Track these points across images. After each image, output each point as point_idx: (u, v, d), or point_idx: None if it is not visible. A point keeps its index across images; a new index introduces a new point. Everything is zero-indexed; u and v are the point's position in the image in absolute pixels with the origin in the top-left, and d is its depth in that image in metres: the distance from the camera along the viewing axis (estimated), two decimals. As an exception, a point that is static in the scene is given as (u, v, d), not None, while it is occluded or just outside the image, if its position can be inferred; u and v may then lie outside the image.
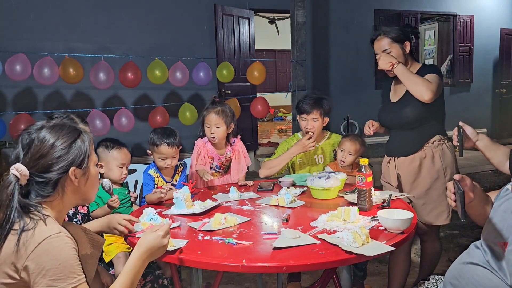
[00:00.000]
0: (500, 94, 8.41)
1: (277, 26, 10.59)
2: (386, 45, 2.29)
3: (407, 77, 2.18)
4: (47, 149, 1.22)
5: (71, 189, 1.27)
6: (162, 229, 1.37)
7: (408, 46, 2.31)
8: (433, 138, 2.28)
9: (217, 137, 2.51)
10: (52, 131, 1.25)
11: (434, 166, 2.26)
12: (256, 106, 5.40)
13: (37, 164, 1.21)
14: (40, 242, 1.12)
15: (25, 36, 5.26)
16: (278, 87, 13.33)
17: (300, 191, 2.30)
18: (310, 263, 1.42)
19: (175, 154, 2.36)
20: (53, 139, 1.23)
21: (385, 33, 2.31)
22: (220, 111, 2.51)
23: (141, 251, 1.32)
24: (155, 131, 2.39)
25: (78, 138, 1.27)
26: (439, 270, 2.65)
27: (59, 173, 1.22)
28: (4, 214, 1.15)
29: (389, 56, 2.24)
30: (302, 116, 2.63)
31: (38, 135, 1.23)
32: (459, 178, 1.44)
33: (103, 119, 4.53)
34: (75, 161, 1.25)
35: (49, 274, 1.12)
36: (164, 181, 2.41)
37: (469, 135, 1.85)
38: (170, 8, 6.02)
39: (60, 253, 1.13)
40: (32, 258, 1.11)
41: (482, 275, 1.46)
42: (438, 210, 2.28)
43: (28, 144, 1.22)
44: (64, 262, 1.14)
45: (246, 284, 2.92)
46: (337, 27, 7.08)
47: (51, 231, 1.15)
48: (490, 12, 8.19)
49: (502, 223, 1.46)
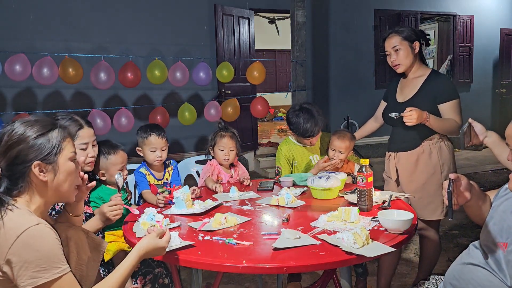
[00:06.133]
0: (500, 94, 8.41)
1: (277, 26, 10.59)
2: (397, 42, 2.36)
3: (439, 127, 2.28)
4: (14, 140, 1.21)
5: (39, 183, 1.24)
6: (157, 231, 1.41)
7: (417, 46, 2.38)
8: (433, 136, 2.34)
9: (230, 159, 2.63)
10: (23, 124, 1.24)
11: (431, 161, 2.33)
12: (256, 106, 5.40)
13: (5, 157, 1.20)
14: (19, 234, 1.10)
15: (25, 36, 5.26)
16: (278, 87, 13.34)
17: (300, 191, 2.29)
18: (311, 264, 1.41)
19: (164, 145, 2.41)
20: (21, 130, 1.22)
21: (397, 32, 2.39)
22: (233, 135, 2.66)
23: (138, 251, 1.34)
24: (141, 127, 2.48)
25: (47, 132, 1.25)
26: (439, 270, 2.66)
27: (24, 166, 1.21)
28: None
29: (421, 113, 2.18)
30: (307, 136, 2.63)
31: (11, 127, 1.23)
32: (455, 178, 1.44)
33: (103, 119, 4.53)
34: (38, 155, 1.22)
35: (32, 266, 1.10)
36: (155, 178, 2.43)
37: (478, 131, 1.87)
38: (170, 8, 6.02)
39: (41, 244, 1.12)
40: (13, 252, 1.10)
41: (482, 276, 1.46)
42: (433, 205, 2.33)
43: (0, 138, 1.22)
44: (47, 252, 1.12)
45: (246, 284, 2.92)
46: (337, 27, 7.08)
47: (29, 223, 1.13)
48: (490, 12, 8.19)
49: (502, 223, 1.46)
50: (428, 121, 2.20)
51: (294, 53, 5.65)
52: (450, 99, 2.30)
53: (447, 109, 2.30)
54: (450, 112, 2.29)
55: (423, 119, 2.18)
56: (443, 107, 2.30)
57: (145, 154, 2.42)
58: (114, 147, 2.19)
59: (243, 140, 6.64)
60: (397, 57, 2.37)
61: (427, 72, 2.40)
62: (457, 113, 2.30)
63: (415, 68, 2.41)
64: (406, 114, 2.17)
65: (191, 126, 5.34)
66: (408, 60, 2.37)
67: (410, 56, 2.36)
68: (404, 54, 2.36)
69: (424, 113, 2.18)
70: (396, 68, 2.41)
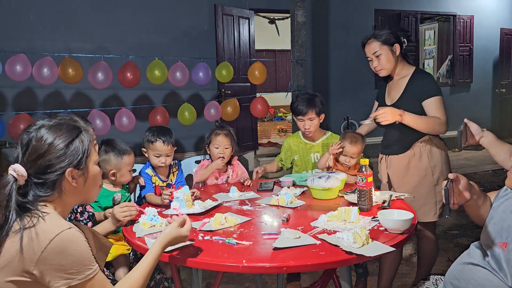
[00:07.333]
0: (500, 94, 8.41)
1: (277, 26, 10.58)
2: (376, 47, 2.34)
3: (418, 124, 2.23)
4: (44, 149, 1.20)
5: (70, 189, 1.25)
6: (177, 220, 1.47)
7: (397, 48, 2.35)
8: (423, 138, 2.32)
9: (225, 157, 2.62)
10: (51, 130, 1.23)
11: (422, 164, 2.31)
12: (256, 106, 5.40)
13: (34, 165, 1.19)
14: (52, 238, 1.11)
15: (25, 36, 5.27)
16: (278, 87, 13.34)
17: (300, 191, 2.30)
18: (310, 264, 1.41)
19: (169, 152, 2.38)
20: (51, 139, 1.21)
21: (375, 37, 2.36)
22: (228, 133, 2.66)
23: (161, 242, 1.40)
24: (150, 129, 2.44)
25: (76, 138, 1.25)
26: (439, 270, 2.66)
27: (57, 174, 1.21)
28: (2, 214, 1.14)
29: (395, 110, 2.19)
30: (299, 117, 2.67)
31: (36, 134, 1.22)
32: (453, 177, 1.44)
33: (103, 119, 4.53)
34: (72, 162, 1.23)
35: (66, 269, 1.12)
36: (160, 180, 2.43)
37: (474, 132, 1.85)
38: (170, 8, 6.02)
39: (75, 247, 1.13)
40: (45, 256, 1.10)
41: (482, 276, 1.46)
42: (427, 207, 2.32)
43: (27, 144, 1.21)
44: (79, 256, 1.14)
45: (246, 284, 2.92)
46: (337, 27, 7.08)
47: (61, 227, 1.14)
48: (490, 12, 8.19)
49: (502, 223, 1.46)
50: (401, 117, 2.17)
51: (294, 53, 5.65)
52: (431, 96, 2.26)
53: (429, 105, 2.26)
54: (433, 108, 2.25)
55: (397, 116, 2.16)
56: (426, 103, 2.27)
57: (149, 157, 2.41)
58: (126, 148, 2.20)
59: (243, 140, 6.68)
60: (378, 62, 2.35)
61: (410, 71, 2.37)
62: (440, 110, 2.24)
63: (398, 69, 2.39)
64: (379, 114, 2.17)
65: (191, 126, 5.34)
66: (390, 64, 2.35)
67: (391, 59, 2.34)
68: (386, 59, 2.33)
69: (399, 110, 2.18)
70: (379, 73, 2.39)
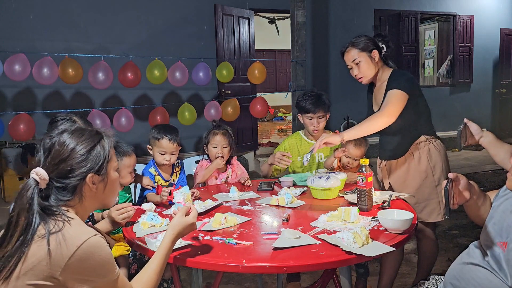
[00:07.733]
0: (500, 94, 8.41)
1: (277, 26, 10.57)
2: (355, 55, 2.32)
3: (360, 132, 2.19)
4: (66, 154, 1.21)
5: (90, 195, 1.26)
6: (182, 209, 1.49)
7: (376, 54, 2.32)
8: (419, 139, 2.31)
9: (224, 156, 2.62)
10: (73, 135, 1.25)
11: (421, 167, 2.29)
12: (256, 106, 5.40)
13: (56, 169, 1.20)
14: (80, 245, 1.12)
15: (25, 36, 5.27)
16: (278, 87, 13.35)
17: (300, 191, 2.30)
18: (310, 264, 1.41)
19: (175, 150, 2.40)
20: (73, 144, 1.23)
21: (353, 44, 2.35)
22: (226, 132, 2.66)
23: (170, 234, 1.42)
24: (157, 126, 2.47)
25: (98, 144, 1.27)
26: (439, 270, 2.66)
27: (78, 179, 1.22)
28: (25, 218, 1.14)
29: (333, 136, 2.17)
30: (308, 115, 2.67)
31: (59, 139, 1.23)
32: (453, 177, 1.44)
33: (103, 119, 4.53)
34: (93, 168, 1.24)
35: (91, 275, 1.15)
36: (163, 179, 2.43)
37: (473, 131, 1.85)
38: (170, 8, 6.02)
39: (101, 253, 1.16)
40: (73, 261, 1.11)
41: (482, 276, 1.46)
42: (430, 208, 2.31)
43: (49, 148, 1.22)
44: (104, 261, 1.17)
45: (246, 284, 2.92)
46: (337, 27, 7.08)
47: (88, 234, 1.16)
48: (490, 12, 8.19)
49: (501, 223, 1.46)
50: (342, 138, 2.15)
51: (294, 53, 5.65)
52: (391, 88, 2.21)
53: (386, 98, 2.21)
54: (387, 101, 2.18)
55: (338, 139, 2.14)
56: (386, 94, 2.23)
57: (154, 154, 2.42)
58: (127, 149, 2.19)
59: (243, 140, 6.69)
60: (359, 70, 2.32)
61: (388, 73, 2.33)
62: (391, 103, 2.16)
63: (379, 74, 2.36)
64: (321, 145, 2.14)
65: (191, 126, 5.34)
66: (370, 71, 2.32)
67: (371, 66, 2.31)
68: (365, 66, 2.31)
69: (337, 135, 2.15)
70: (360, 81, 2.37)
